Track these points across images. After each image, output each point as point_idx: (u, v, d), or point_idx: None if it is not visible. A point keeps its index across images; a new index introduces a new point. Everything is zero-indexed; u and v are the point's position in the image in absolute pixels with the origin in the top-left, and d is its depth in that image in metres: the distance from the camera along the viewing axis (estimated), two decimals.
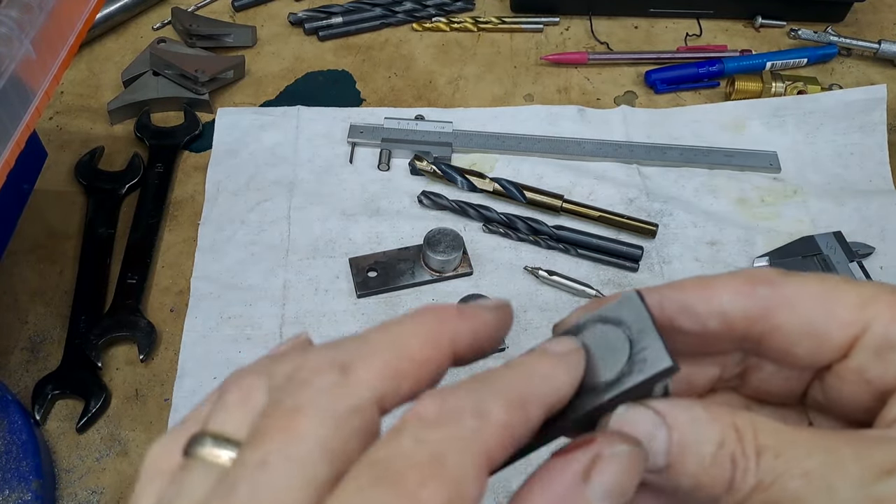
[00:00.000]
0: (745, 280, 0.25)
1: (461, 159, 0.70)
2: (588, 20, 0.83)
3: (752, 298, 0.24)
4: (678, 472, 0.22)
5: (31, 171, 0.68)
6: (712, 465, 0.22)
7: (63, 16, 0.50)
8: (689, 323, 0.25)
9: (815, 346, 0.24)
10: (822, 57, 0.79)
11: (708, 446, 0.22)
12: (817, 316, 0.24)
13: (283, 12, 0.83)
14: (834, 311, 0.24)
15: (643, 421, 0.22)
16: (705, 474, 0.22)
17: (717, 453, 0.22)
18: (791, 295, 0.24)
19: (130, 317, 0.59)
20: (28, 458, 0.50)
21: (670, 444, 0.22)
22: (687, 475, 0.22)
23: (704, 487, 0.22)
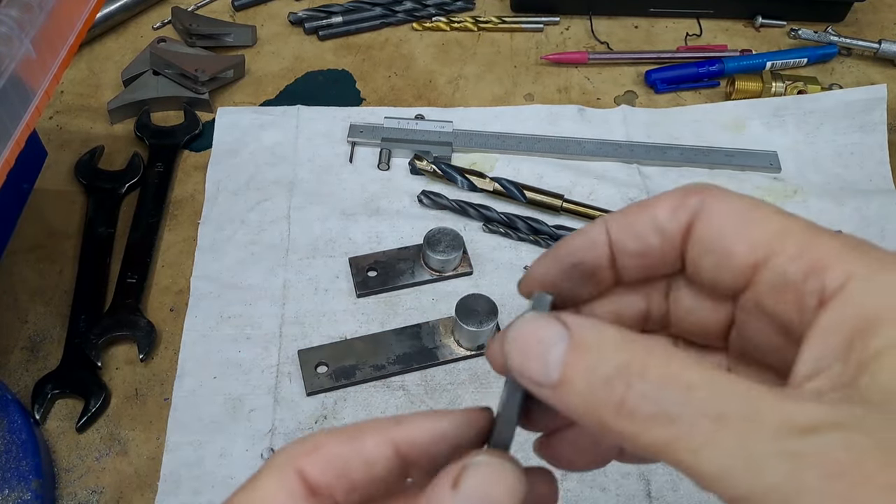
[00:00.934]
0: (680, 193, 0.25)
1: (461, 159, 0.70)
2: (588, 20, 0.83)
3: (682, 210, 0.25)
4: (569, 389, 0.21)
5: (30, 170, 0.68)
6: (605, 385, 0.20)
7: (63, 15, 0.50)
8: (633, 243, 0.25)
9: (718, 262, 0.24)
10: (822, 57, 0.79)
11: (607, 366, 0.21)
12: (727, 231, 0.24)
13: (283, 12, 0.83)
14: (743, 231, 0.23)
15: (546, 328, 0.22)
16: (595, 393, 0.21)
17: (615, 374, 0.20)
18: (714, 207, 0.24)
19: (130, 316, 0.59)
20: (28, 458, 0.50)
21: (568, 358, 0.21)
22: (576, 395, 0.21)
23: (591, 412, 0.21)
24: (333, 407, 0.56)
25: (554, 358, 0.21)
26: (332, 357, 0.57)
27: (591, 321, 0.22)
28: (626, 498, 0.52)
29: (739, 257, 0.23)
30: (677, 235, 0.25)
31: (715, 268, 0.24)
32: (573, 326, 0.22)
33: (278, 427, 0.55)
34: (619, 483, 0.53)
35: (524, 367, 0.22)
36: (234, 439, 0.54)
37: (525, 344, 0.22)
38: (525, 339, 0.22)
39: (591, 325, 0.22)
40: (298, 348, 0.58)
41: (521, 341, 0.22)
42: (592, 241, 0.26)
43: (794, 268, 0.22)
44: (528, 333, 0.22)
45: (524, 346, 0.22)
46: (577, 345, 0.21)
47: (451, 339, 0.59)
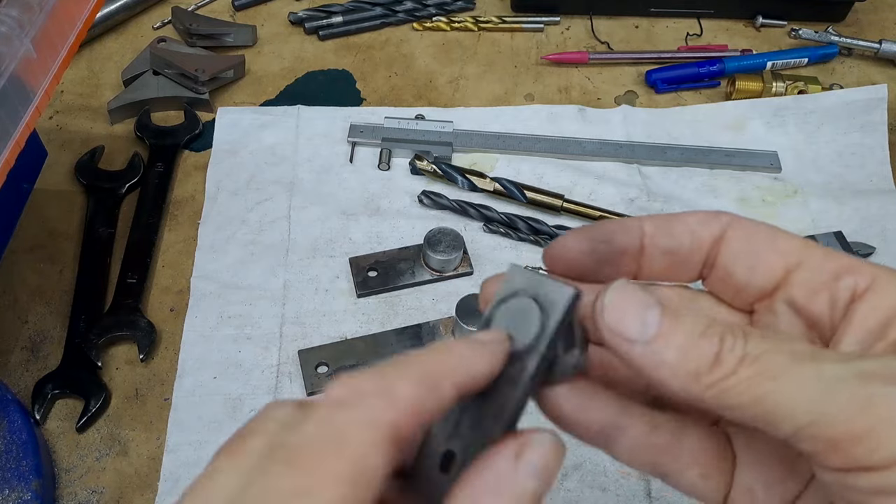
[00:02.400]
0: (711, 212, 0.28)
1: (461, 159, 0.70)
2: (589, 20, 0.83)
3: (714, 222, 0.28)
4: (665, 343, 0.23)
5: (31, 170, 0.68)
6: (702, 336, 0.23)
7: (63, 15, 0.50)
8: (665, 239, 0.28)
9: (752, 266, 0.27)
10: (822, 57, 0.79)
11: (698, 325, 0.24)
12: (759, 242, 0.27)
13: (283, 12, 0.83)
14: (773, 243, 0.27)
15: (642, 294, 0.24)
16: (693, 347, 0.23)
17: (706, 329, 0.23)
18: (743, 224, 0.27)
19: (130, 316, 0.59)
20: (28, 458, 0.50)
21: (662, 318, 0.24)
22: (673, 346, 0.23)
23: (689, 361, 0.23)
24: None
25: (651, 318, 0.24)
26: (332, 357, 0.57)
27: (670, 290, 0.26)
28: (626, 498, 0.52)
29: (773, 262, 0.27)
30: (707, 241, 0.27)
31: (747, 270, 0.27)
32: (662, 298, 0.25)
33: None
34: (619, 483, 0.53)
35: (621, 323, 0.24)
36: None
37: (622, 304, 0.24)
38: (622, 300, 0.24)
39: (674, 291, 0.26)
40: (299, 348, 0.58)
41: (619, 301, 0.24)
42: (627, 227, 0.28)
43: (824, 271, 0.26)
44: (624, 296, 0.24)
45: (621, 306, 0.24)
46: (669, 310, 0.24)
47: (451, 338, 0.59)
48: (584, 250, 0.28)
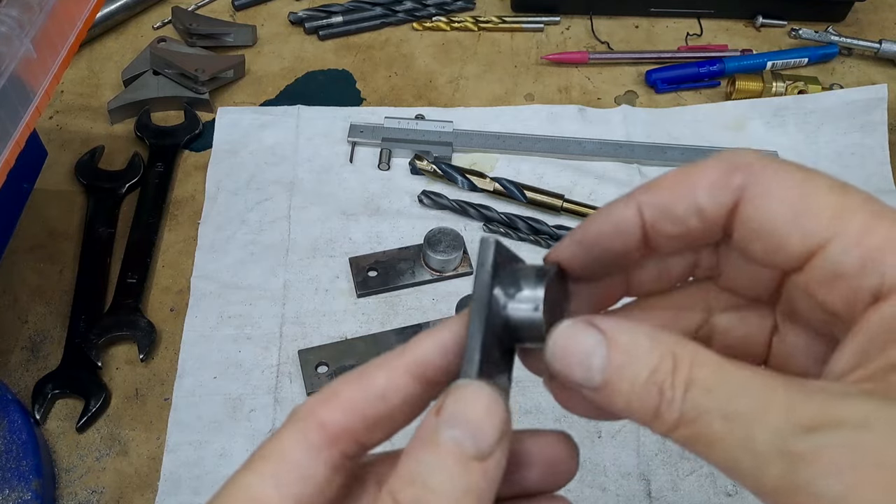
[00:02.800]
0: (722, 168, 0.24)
1: (461, 159, 0.70)
2: (589, 20, 0.83)
3: (725, 191, 0.24)
4: (612, 391, 0.22)
5: (31, 170, 0.68)
6: (643, 390, 0.22)
7: (63, 15, 0.50)
8: (671, 226, 0.25)
9: (769, 249, 0.23)
10: (822, 57, 0.79)
11: (642, 371, 0.22)
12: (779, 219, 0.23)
13: (283, 11, 0.83)
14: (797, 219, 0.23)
15: (584, 337, 0.23)
16: (636, 398, 0.22)
17: (649, 379, 0.22)
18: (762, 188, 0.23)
19: (130, 316, 0.59)
20: (28, 458, 0.50)
21: (608, 364, 0.22)
22: (620, 396, 0.22)
23: (634, 412, 0.22)
24: None
25: (597, 364, 0.22)
26: (332, 357, 0.57)
27: (624, 325, 0.23)
28: (626, 498, 0.52)
29: (793, 247, 0.23)
30: (720, 218, 0.24)
31: (765, 253, 0.24)
32: (608, 328, 0.23)
33: (278, 427, 0.55)
34: (619, 483, 0.53)
35: (569, 373, 0.23)
36: (234, 439, 0.54)
37: (566, 352, 0.23)
38: (566, 348, 0.23)
39: (625, 329, 0.23)
40: (299, 348, 0.58)
41: (562, 350, 0.23)
42: (621, 227, 0.25)
43: (850, 259, 0.22)
44: (568, 342, 0.23)
45: (565, 355, 0.23)
46: (615, 347, 0.22)
47: None
48: (582, 261, 0.27)
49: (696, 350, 0.22)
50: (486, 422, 0.22)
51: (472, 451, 0.22)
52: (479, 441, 0.22)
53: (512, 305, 0.25)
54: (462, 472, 0.21)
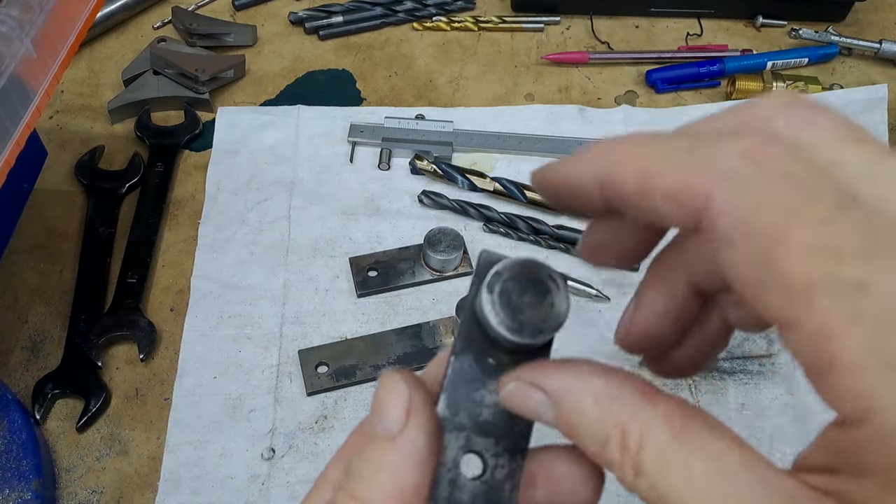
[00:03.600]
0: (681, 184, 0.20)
1: (462, 159, 0.70)
2: (589, 19, 0.83)
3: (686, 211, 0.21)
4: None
5: (31, 170, 0.68)
6: (595, 455, 0.22)
7: (63, 15, 0.50)
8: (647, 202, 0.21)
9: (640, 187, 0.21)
10: (822, 57, 0.79)
11: (592, 443, 0.22)
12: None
13: (283, 11, 0.83)
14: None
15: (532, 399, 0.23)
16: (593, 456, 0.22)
17: (599, 452, 0.21)
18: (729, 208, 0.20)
19: (130, 316, 0.59)
20: (28, 458, 0.50)
21: (558, 423, 0.22)
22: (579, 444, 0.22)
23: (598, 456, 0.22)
24: (334, 407, 0.56)
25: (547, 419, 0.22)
26: (332, 357, 0.57)
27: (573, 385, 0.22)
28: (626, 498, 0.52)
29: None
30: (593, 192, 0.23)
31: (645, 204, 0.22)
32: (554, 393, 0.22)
33: (278, 427, 0.55)
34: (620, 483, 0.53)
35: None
36: (234, 439, 0.54)
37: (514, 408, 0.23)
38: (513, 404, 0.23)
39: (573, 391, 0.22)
40: (299, 348, 0.58)
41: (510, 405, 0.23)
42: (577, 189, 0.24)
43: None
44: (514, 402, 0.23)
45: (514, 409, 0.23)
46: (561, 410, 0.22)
47: (451, 339, 0.59)
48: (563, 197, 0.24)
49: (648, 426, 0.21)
50: (388, 401, 0.23)
51: (379, 430, 0.22)
52: (384, 420, 0.22)
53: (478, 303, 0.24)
54: (373, 450, 0.22)
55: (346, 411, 0.56)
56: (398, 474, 0.22)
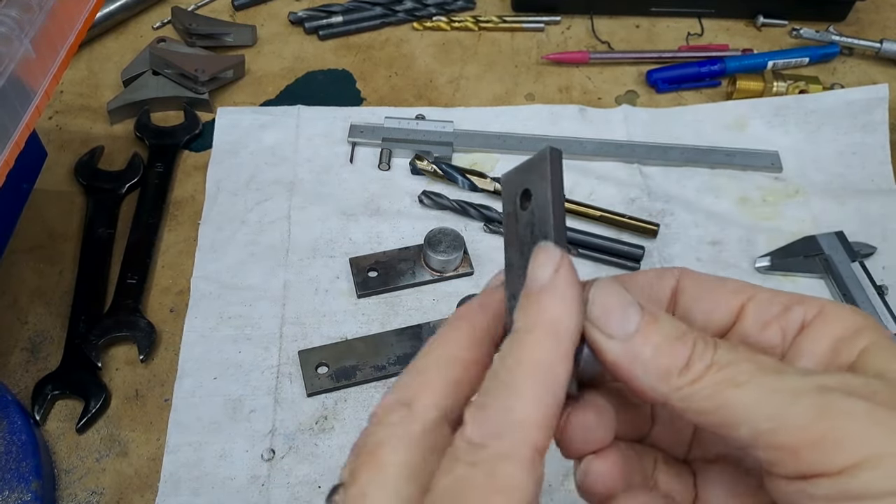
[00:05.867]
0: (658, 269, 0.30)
1: (462, 159, 0.70)
2: (589, 19, 0.83)
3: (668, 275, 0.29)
4: (644, 342, 0.25)
5: (30, 170, 0.68)
6: (676, 340, 0.25)
7: (63, 15, 0.50)
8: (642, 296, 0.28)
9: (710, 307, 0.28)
10: (823, 56, 0.79)
11: (674, 331, 0.25)
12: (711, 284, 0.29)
13: (283, 11, 0.83)
14: (726, 285, 0.28)
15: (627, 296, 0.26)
16: (666, 350, 0.24)
17: (681, 335, 0.25)
18: (695, 273, 0.29)
19: (130, 317, 0.59)
20: (28, 459, 0.50)
21: (642, 318, 0.25)
22: (649, 347, 0.25)
23: (662, 360, 0.24)
24: (334, 408, 0.56)
25: (632, 315, 0.25)
26: (332, 358, 0.57)
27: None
28: None
29: (726, 301, 0.28)
30: (665, 296, 0.29)
31: (705, 313, 0.28)
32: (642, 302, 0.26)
33: (278, 428, 0.55)
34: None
35: (605, 318, 0.25)
36: (234, 440, 0.54)
37: (607, 300, 0.25)
38: (607, 296, 0.25)
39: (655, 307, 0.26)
40: (299, 349, 0.58)
41: (604, 297, 0.25)
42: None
43: (774, 303, 0.27)
44: (610, 292, 0.25)
45: (606, 301, 0.25)
46: (649, 313, 0.25)
47: None
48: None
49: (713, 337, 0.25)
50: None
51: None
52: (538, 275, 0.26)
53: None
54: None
55: (347, 412, 0.55)
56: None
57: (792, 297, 0.27)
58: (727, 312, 0.28)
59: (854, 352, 0.25)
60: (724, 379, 0.24)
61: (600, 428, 0.27)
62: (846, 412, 0.22)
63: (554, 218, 0.26)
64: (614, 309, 0.25)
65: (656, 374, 0.24)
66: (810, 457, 0.22)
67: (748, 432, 0.23)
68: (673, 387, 0.24)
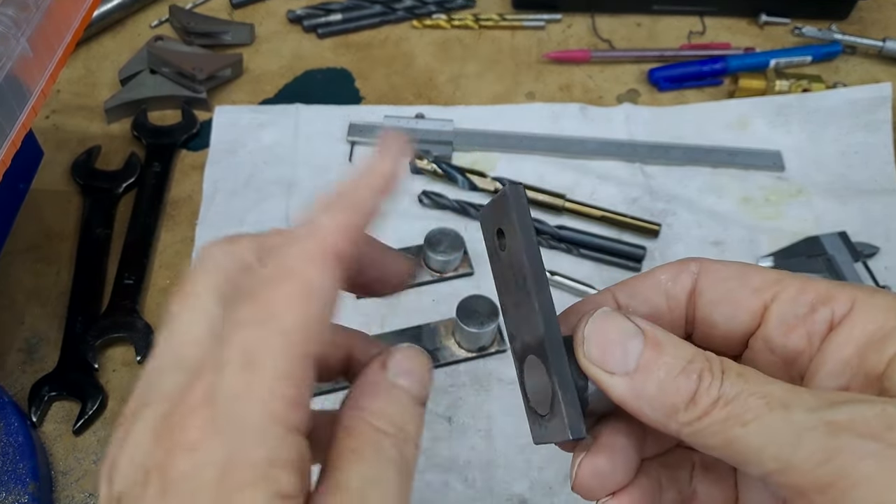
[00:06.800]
0: (677, 262, 0.28)
1: (462, 158, 0.70)
2: (590, 17, 0.83)
3: (684, 274, 0.28)
4: (646, 377, 0.24)
5: (27, 170, 0.68)
6: (680, 374, 0.24)
7: (60, 14, 0.49)
8: (641, 306, 0.28)
9: (729, 312, 0.27)
10: (826, 55, 0.78)
11: (679, 361, 0.24)
12: (732, 283, 0.27)
13: (281, 9, 0.82)
14: (746, 281, 0.27)
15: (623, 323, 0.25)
16: (671, 384, 0.24)
17: (686, 367, 0.24)
18: (713, 267, 0.27)
19: (127, 318, 0.59)
20: (24, 461, 0.50)
21: (644, 350, 0.24)
22: (652, 382, 0.24)
23: (667, 398, 0.24)
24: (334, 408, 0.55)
25: (633, 349, 0.24)
26: None
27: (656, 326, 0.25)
28: None
29: (748, 302, 0.27)
30: (683, 297, 0.28)
31: (727, 317, 0.27)
32: (644, 326, 0.25)
33: None
34: None
35: (604, 356, 0.24)
36: None
37: (603, 335, 0.25)
38: (603, 331, 0.25)
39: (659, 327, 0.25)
40: None
41: (600, 333, 0.25)
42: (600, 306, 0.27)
43: (800, 304, 0.26)
44: (606, 326, 0.25)
45: (603, 338, 0.25)
46: (652, 340, 0.24)
47: (451, 340, 0.58)
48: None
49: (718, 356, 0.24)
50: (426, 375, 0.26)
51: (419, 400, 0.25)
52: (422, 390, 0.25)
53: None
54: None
55: None
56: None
57: (820, 293, 0.25)
58: (749, 315, 0.27)
59: (883, 360, 0.24)
60: (731, 416, 0.23)
61: (615, 472, 0.26)
62: (854, 456, 0.21)
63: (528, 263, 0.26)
64: (614, 344, 0.24)
65: (662, 411, 0.24)
66: (819, 499, 0.21)
67: (757, 470, 0.22)
68: (681, 422, 0.23)
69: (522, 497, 0.52)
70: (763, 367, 0.26)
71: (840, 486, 0.21)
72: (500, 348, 0.58)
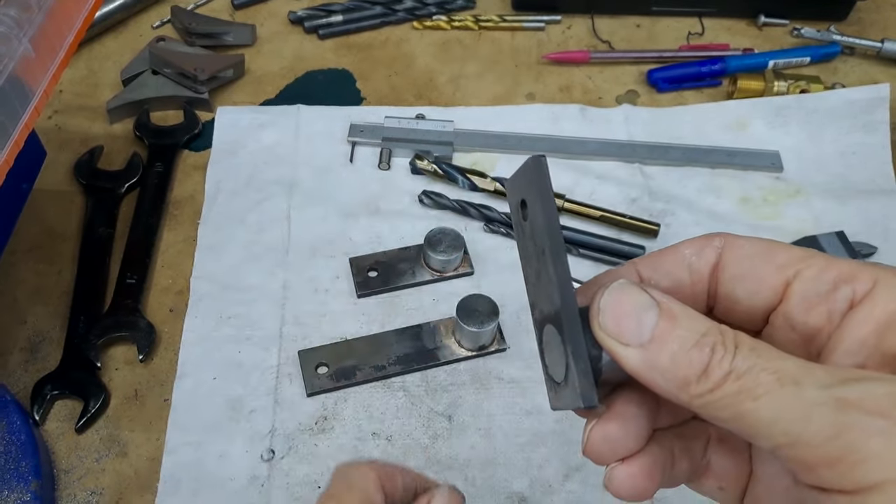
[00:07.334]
0: (703, 236, 0.28)
1: (462, 158, 0.70)
2: (590, 19, 0.83)
3: (708, 249, 0.28)
4: (660, 348, 0.24)
5: (30, 170, 0.68)
6: (692, 349, 0.24)
7: (62, 14, 0.50)
8: (664, 279, 0.28)
9: (751, 287, 0.27)
10: (824, 56, 0.79)
11: (692, 333, 0.24)
12: (756, 259, 0.27)
13: (282, 10, 0.83)
14: (770, 257, 0.27)
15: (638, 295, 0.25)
16: (683, 357, 0.24)
17: (699, 340, 0.24)
18: (738, 243, 0.28)
19: (130, 317, 0.59)
20: (27, 459, 0.50)
21: (658, 322, 0.24)
22: (666, 354, 0.24)
23: (680, 370, 0.24)
24: (334, 408, 0.56)
25: (648, 321, 0.24)
26: (332, 358, 0.57)
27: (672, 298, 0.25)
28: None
29: (771, 278, 0.27)
30: (706, 271, 0.28)
31: (749, 293, 0.27)
32: (660, 298, 0.25)
33: (278, 428, 0.54)
34: None
35: (618, 327, 0.25)
36: (233, 440, 0.54)
37: (619, 307, 0.25)
38: (619, 303, 0.25)
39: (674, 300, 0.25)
40: (299, 349, 0.58)
41: (615, 305, 0.25)
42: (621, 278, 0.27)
43: (822, 281, 0.26)
44: (622, 298, 0.25)
45: (618, 309, 0.25)
46: (667, 313, 0.24)
47: (451, 339, 0.58)
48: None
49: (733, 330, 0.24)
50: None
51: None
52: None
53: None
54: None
55: (347, 412, 0.55)
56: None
57: (843, 271, 0.25)
58: (772, 292, 0.27)
59: None
60: (742, 390, 0.23)
61: (626, 439, 0.26)
62: (864, 433, 0.21)
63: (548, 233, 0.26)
64: (628, 315, 0.24)
65: (675, 383, 0.24)
66: (827, 474, 0.22)
67: (767, 444, 0.23)
68: (692, 394, 0.24)
69: (522, 495, 0.52)
70: (783, 343, 0.27)
71: (848, 461, 0.21)
72: (499, 347, 0.58)
